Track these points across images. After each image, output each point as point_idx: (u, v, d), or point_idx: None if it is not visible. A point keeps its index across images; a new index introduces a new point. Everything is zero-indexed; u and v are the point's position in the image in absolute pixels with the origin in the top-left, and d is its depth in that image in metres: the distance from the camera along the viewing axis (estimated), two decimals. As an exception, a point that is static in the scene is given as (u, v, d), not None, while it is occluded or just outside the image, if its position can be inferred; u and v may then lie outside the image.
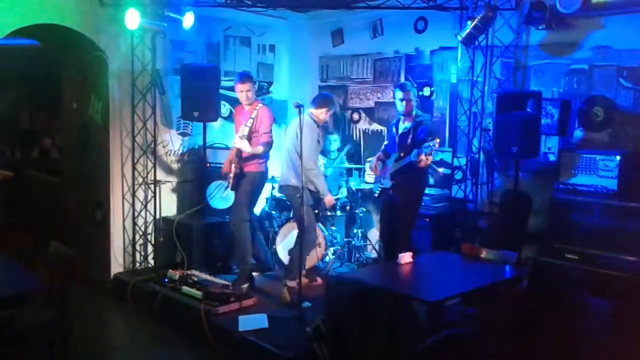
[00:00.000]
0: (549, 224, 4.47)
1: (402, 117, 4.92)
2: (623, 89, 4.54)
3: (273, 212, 5.99)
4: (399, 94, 4.81)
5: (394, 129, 5.01)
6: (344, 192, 6.06)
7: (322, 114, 5.13)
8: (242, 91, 5.10)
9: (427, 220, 5.25)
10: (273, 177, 5.77)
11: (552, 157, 4.93)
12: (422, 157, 4.46)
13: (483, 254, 4.00)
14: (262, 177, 5.17)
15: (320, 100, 5.18)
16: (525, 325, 3.74)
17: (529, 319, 3.82)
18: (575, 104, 4.79)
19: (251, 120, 5.05)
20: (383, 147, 5.25)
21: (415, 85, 5.88)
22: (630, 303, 3.63)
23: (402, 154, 4.79)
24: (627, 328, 3.62)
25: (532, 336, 3.92)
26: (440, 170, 5.72)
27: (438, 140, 4.46)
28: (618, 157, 4.24)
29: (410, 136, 4.80)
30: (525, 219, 4.66)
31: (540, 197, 4.75)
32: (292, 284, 4.74)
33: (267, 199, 6.14)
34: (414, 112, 4.86)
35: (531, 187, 4.89)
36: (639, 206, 4.01)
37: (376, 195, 5.12)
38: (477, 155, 5.43)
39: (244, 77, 5.17)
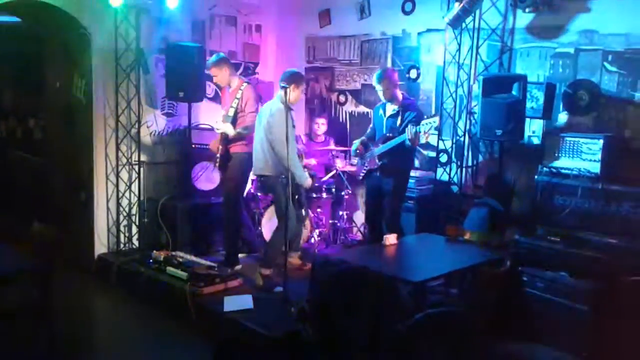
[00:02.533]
0: (533, 206, 4.52)
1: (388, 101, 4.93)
2: (608, 73, 4.56)
3: (258, 194, 5.99)
4: (377, 86, 4.85)
5: (380, 111, 5.01)
6: (330, 174, 6.07)
7: (292, 92, 4.63)
8: (214, 76, 5.16)
9: (412, 202, 5.29)
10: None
11: (536, 141, 4.96)
12: (420, 134, 4.48)
13: (467, 236, 4.04)
14: (248, 158, 5.15)
15: (290, 77, 4.71)
16: (508, 305, 3.80)
17: (511, 299, 3.88)
18: (561, 87, 4.81)
19: (236, 101, 5.02)
20: (369, 130, 5.25)
21: (402, 67, 5.90)
22: (612, 284, 3.69)
23: (389, 135, 4.80)
24: (608, 310, 3.68)
25: (515, 316, 3.99)
26: (425, 152, 5.74)
27: (437, 118, 4.52)
28: (601, 141, 4.27)
29: (400, 118, 4.81)
30: (509, 201, 4.70)
31: (524, 179, 4.79)
32: (267, 272, 4.72)
33: (252, 180, 6.13)
34: (398, 96, 4.87)
35: (515, 170, 4.92)
36: (621, 189, 4.06)
37: (360, 178, 5.14)
38: (462, 138, 5.45)
39: (208, 64, 5.22)
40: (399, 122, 4.81)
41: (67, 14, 5.18)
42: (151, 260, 5.10)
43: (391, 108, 4.91)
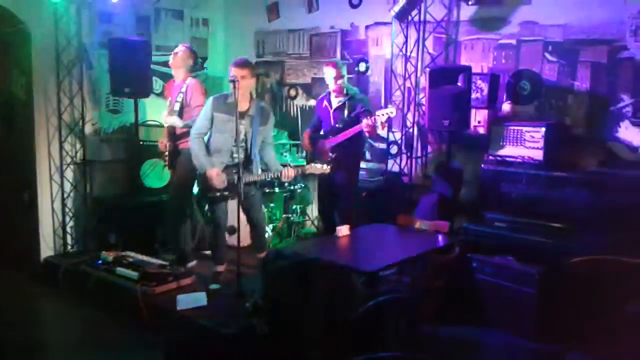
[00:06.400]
0: (479, 194, 4.64)
1: (332, 93, 4.93)
2: (548, 62, 4.72)
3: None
4: (332, 72, 4.82)
5: (325, 103, 5.01)
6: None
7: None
8: (174, 58, 5.04)
9: (364, 194, 5.33)
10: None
11: (481, 130, 5.08)
12: (377, 124, 4.53)
13: (417, 225, 4.10)
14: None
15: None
16: (458, 290, 3.88)
17: (461, 285, 3.97)
18: (504, 78, 4.94)
19: (181, 95, 4.94)
20: (314, 122, 5.24)
21: (351, 61, 5.93)
22: (556, 268, 3.83)
23: (339, 127, 4.81)
24: (553, 292, 3.81)
25: (464, 301, 4.09)
26: (375, 144, 5.79)
27: (394, 108, 4.57)
28: (543, 129, 4.41)
29: (347, 109, 4.83)
30: (458, 190, 4.80)
31: (471, 168, 4.90)
32: (220, 268, 4.68)
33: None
34: (345, 88, 4.89)
35: (462, 159, 5.03)
36: (563, 175, 4.20)
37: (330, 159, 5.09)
38: (411, 130, 5.52)
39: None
40: (346, 113, 4.83)
41: (3, 8, 4.97)
42: (100, 262, 4.96)
43: (337, 100, 4.92)
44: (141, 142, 5.62)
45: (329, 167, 4.43)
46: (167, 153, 5.05)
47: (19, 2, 5.03)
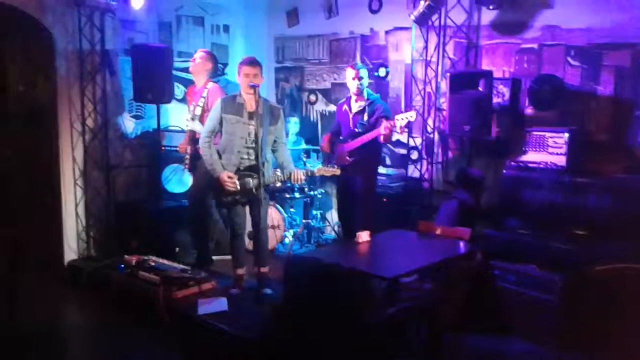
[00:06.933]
0: (501, 200, 4.60)
1: (353, 97, 4.93)
2: (571, 67, 4.67)
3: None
4: (351, 73, 4.83)
5: (345, 108, 5.02)
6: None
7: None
8: (194, 63, 5.11)
9: (384, 199, 5.31)
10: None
11: (503, 135, 5.03)
12: (396, 128, 4.52)
13: (438, 231, 4.07)
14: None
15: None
16: (480, 298, 3.85)
17: (483, 292, 3.94)
18: (526, 82, 4.90)
19: (202, 100, 4.99)
20: (334, 126, 5.24)
21: (371, 66, 5.93)
22: (580, 276, 3.77)
23: (359, 131, 4.81)
24: (576, 300, 3.76)
25: (486, 309, 4.05)
26: (395, 150, 5.78)
27: (414, 112, 4.55)
28: (566, 134, 4.37)
29: (367, 113, 4.83)
30: (479, 196, 4.76)
31: (492, 174, 4.86)
32: (240, 271, 4.67)
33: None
34: (365, 92, 4.88)
35: (483, 165, 5.00)
36: (587, 181, 4.15)
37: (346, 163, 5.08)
38: (432, 135, 5.50)
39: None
40: (366, 117, 4.83)
41: (28, 16, 5.06)
42: (122, 266, 5.01)
43: (357, 105, 4.92)
44: (163, 147, 5.68)
45: (338, 168, 4.42)
46: (187, 156, 5.10)
47: (45, 9, 5.12)
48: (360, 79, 4.80)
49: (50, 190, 5.56)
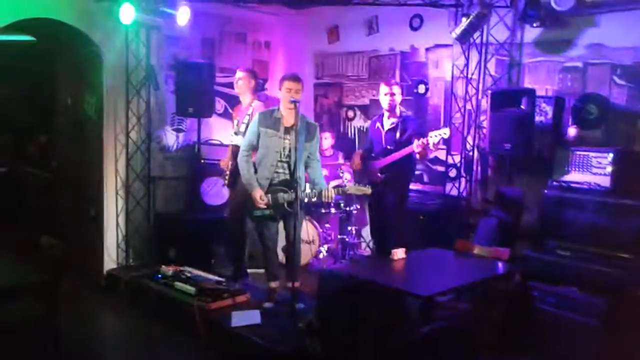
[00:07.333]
0: (542, 220, 4.47)
1: (385, 114, 4.92)
2: (616, 86, 4.55)
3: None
4: (384, 89, 4.83)
5: (377, 125, 5.00)
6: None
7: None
8: (240, 80, 5.12)
9: (421, 217, 5.25)
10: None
11: (545, 154, 4.93)
12: (429, 145, 4.47)
13: (476, 250, 4.00)
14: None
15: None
16: (518, 320, 3.75)
17: (521, 314, 3.83)
18: (569, 101, 4.79)
19: (247, 117, 5.05)
20: (366, 143, 5.22)
21: (410, 83, 5.91)
22: (622, 300, 3.64)
23: (391, 148, 4.79)
24: (619, 325, 3.62)
25: (525, 331, 3.93)
26: (433, 167, 5.72)
27: (448, 129, 4.51)
28: (611, 155, 4.24)
29: (399, 130, 4.80)
30: (519, 215, 4.66)
31: (533, 193, 4.75)
32: (274, 284, 4.68)
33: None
34: (397, 109, 4.86)
35: (524, 184, 4.89)
36: (632, 203, 4.01)
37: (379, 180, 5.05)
38: (471, 153, 5.43)
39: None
40: (398, 134, 4.80)
41: (79, 32, 5.26)
42: (160, 275, 5.10)
43: (389, 122, 4.90)
44: (202, 161, 5.78)
45: (369, 188, 4.41)
46: (228, 172, 5.17)
47: (94, 25, 5.31)
48: (392, 95, 4.79)
49: (94, 200, 5.71)
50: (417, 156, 4.66)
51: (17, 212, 7.72)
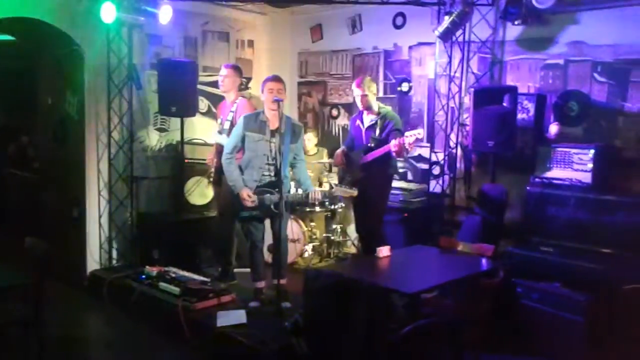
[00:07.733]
0: (525, 217, 4.53)
1: (364, 111, 4.92)
2: (597, 83, 4.61)
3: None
4: (355, 91, 4.83)
5: (358, 122, 5.00)
6: (325, 188, 6.04)
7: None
8: (225, 77, 5.11)
9: (406, 215, 5.28)
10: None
11: (527, 151, 4.97)
12: (405, 144, 4.46)
13: (460, 247, 4.02)
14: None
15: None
16: (502, 316, 3.78)
17: (505, 310, 3.86)
18: (551, 98, 4.84)
19: (231, 114, 5.04)
20: (348, 141, 5.23)
21: (394, 80, 5.93)
22: (604, 295, 3.69)
23: (371, 145, 4.79)
24: (601, 320, 3.67)
25: (509, 327, 3.97)
26: (417, 164, 5.74)
27: (422, 130, 4.52)
28: (592, 151, 4.30)
29: (378, 128, 4.81)
30: (502, 212, 4.70)
31: (516, 190, 4.79)
32: (260, 285, 4.67)
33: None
34: (374, 106, 4.86)
35: (507, 181, 4.93)
36: (613, 199, 4.07)
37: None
38: (454, 150, 5.46)
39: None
40: (377, 132, 4.80)
41: (60, 31, 5.19)
42: (144, 276, 5.05)
43: (369, 118, 4.90)
44: (186, 160, 5.74)
45: (355, 190, 4.43)
46: (213, 169, 5.15)
47: (75, 24, 5.24)
48: (364, 96, 4.78)
49: (76, 201, 5.65)
50: (394, 154, 4.66)
51: (1, 213, 7.62)
